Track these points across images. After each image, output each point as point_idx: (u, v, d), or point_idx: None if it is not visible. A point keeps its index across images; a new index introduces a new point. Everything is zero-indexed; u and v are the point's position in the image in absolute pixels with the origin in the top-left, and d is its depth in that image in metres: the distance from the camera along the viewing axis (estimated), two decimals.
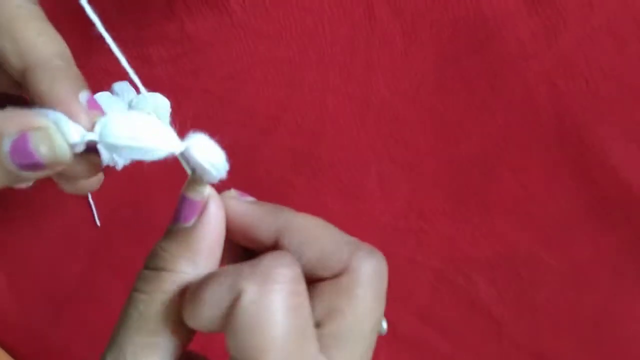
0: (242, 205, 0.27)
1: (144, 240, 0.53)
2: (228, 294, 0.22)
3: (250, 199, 0.27)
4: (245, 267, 0.22)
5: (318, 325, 0.25)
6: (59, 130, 0.24)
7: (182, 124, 0.30)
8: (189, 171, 0.26)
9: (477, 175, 0.48)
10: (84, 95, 0.26)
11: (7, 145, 0.23)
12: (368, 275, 0.26)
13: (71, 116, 0.25)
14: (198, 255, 0.25)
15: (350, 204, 0.50)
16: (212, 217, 0.25)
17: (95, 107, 0.26)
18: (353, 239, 0.27)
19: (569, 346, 0.51)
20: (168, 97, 0.45)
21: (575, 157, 0.47)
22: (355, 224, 0.51)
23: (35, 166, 0.24)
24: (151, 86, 0.33)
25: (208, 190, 0.26)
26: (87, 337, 0.54)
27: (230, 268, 0.23)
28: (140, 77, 0.29)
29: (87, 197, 0.52)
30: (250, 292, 0.21)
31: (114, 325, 0.54)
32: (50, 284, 0.54)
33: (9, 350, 0.55)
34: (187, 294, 0.23)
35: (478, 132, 0.47)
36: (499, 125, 0.47)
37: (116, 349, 0.24)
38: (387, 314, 0.27)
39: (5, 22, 0.27)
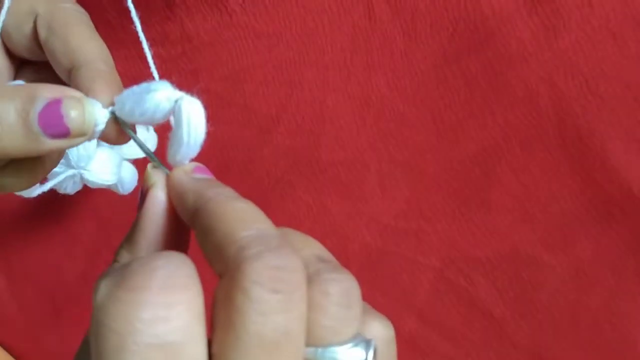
0: (180, 173, 0.25)
1: None
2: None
3: (206, 176, 0.25)
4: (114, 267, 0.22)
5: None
6: (93, 103, 0.26)
7: None
8: (148, 155, 0.26)
9: (478, 174, 0.48)
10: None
11: (39, 106, 0.24)
12: (251, 279, 0.19)
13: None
14: (135, 246, 0.24)
15: (350, 204, 0.50)
16: (147, 207, 0.24)
17: None
18: (275, 237, 0.21)
19: (569, 346, 0.51)
20: None
21: (576, 156, 0.47)
22: (355, 224, 0.51)
23: (61, 131, 0.25)
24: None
25: (154, 178, 0.25)
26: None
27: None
28: (140, 77, 0.29)
29: (86, 198, 0.52)
30: (101, 292, 0.20)
31: None
32: (50, 284, 0.54)
33: (8, 350, 0.55)
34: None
35: (478, 131, 0.47)
36: (500, 124, 0.47)
37: None
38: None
39: (59, 26, 0.29)
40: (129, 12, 0.46)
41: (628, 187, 0.47)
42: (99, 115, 0.26)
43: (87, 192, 0.51)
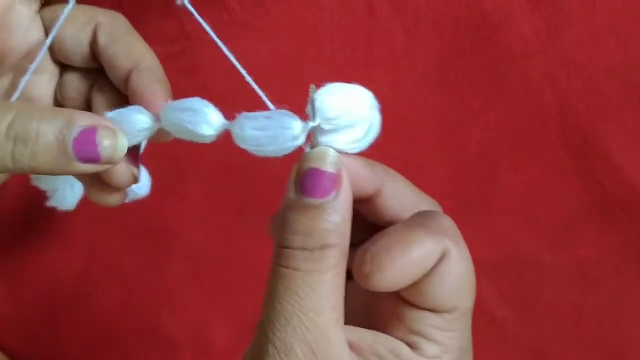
0: (349, 160, 0.27)
1: (142, 244, 0.53)
2: (437, 252, 0.25)
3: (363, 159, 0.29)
4: (433, 226, 0.26)
5: None
6: (124, 135, 0.28)
7: None
8: (318, 144, 0.27)
9: (480, 174, 0.48)
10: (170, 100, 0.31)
11: (76, 132, 0.26)
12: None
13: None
14: (346, 226, 0.26)
15: None
16: (348, 187, 0.26)
17: None
18: (422, 193, 0.30)
19: (572, 347, 0.51)
20: None
21: (579, 156, 0.47)
22: None
23: (93, 158, 0.27)
24: None
25: (340, 160, 0.26)
26: (84, 338, 0.54)
27: (420, 229, 0.26)
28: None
29: (83, 200, 0.51)
30: (454, 249, 0.26)
31: (111, 326, 0.53)
32: (47, 287, 0.54)
33: (5, 352, 0.55)
34: (375, 259, 0.25)
35: (480, 131, 0.47)
36: (502, 124, 0.47)
37: (291, 336, 0.25)
38: None
39: (121, 34, 0.32)
40: (128, 10, 0.46)
41: (632, 187, 0.47)
42: (146, 125, 0.29)
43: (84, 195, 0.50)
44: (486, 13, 0.44)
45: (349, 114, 0.27)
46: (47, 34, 0.32)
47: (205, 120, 0.29)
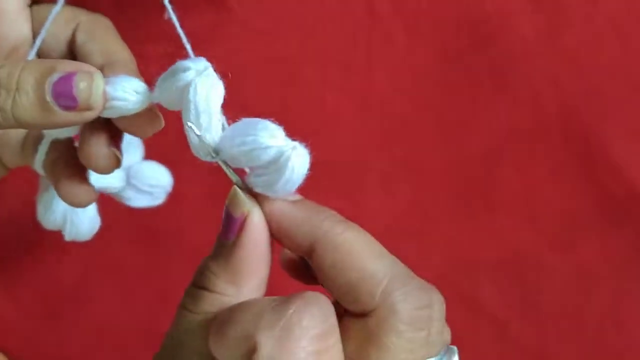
0: (282, 205, 0.25)
1: (141, 244, 0.52)
2: (244, 343, 0.21)
3: (297, 197, 0.26)
4: (267, 312, 0.21)
5: None
6: (103, 80, 0.26)
7: (178, 122, 0.29)
8: (233, 179, 0.25)
9: (481, 174, 0.48)
10: None
11: (55, 77, 0.25)
12: (404, 322, 0.22)
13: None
14: (238, 276, 0.24)
15: (350, 204, 0.50)
16: (252, 235, 0.24)
17: None
18: (402, 270, 0.24)
19: (574, 349, 0.50)
20: None
21: (581, 156, 0.47)
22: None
23: (69, 103, 0.26)
24: (150, 84, 0.33)
25: (249, 204, 0.24)
26: (83, 339, 0.54)
27: (252, 310, 0.22)
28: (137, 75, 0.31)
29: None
30: (266, 348, 0.20)
31: (111, 327, 0.53)
32: (46, 287, 0.54)
33: (5, 353, 0.55)
34: (213, 324, 0.23)
35: (482, 131, 0.47)
36: (503, 124, 0.46)
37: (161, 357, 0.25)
38: None
39: (99, 33, 0.33)
40: (125, 8, 0.46)
41: (633, 187, 0.46)
42: (126, 91, 0.27)
43: None
44: (487, 13, 0.44)
45: (244, 153, 0.24)
46: (34, 29, 0.33)
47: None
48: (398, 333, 0.22)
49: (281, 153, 0.23)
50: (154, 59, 0.47)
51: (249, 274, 0.24)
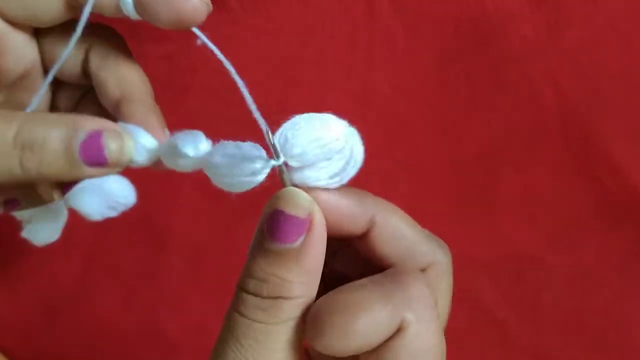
0: (332, 197, 0.25)
1: (141, 244, 0.52)
2: (389, 325, 0.23)
3: (351, 188, 0.27)
4: (394, 292, 0.23)
5: None
6: (131, 138, 0.27)
7: (179, 122, 0.29)
8: (287, 183, 0.25)
9: (481, 175, 0.48)
10: (166, 131, 0.31)
11: (81, 137, 0.26)
12: (447, 270, 0.27)
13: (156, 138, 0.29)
14: (312, 276, 0.24)
15: None
16: (321, 234, 0.24)
17: None
18: (427, 232, 0.28)
19: (574, 349, 0.50)
20: (165, 94, 0.44)
21: (580, 156, 0.46)
22: None
23: (99, 161, 0.26)
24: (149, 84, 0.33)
25: (313, 204, 0.24)
26: (83, 340, 0.54)
27: (376, 294, 0.23)
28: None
29: None
30: (412, 321, 0.23)
31: (110, 327, 0.53)
32: (46, 287, 0.54)
33: (4, 353, 0.55)
34: (320, 322, 0.23)
35: (481, 131, 0.47)
36: (503, 124, 0.46)
37: None
38: None
39: (113, 58, 0.32)
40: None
41: (633, 187, 0.46)
42: (138, 150, 0.28)
43: None
44: (487, 12, 0.44)
45: (318, 147, 0.24)
46: (42, 53, 0.32)
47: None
48: (447, 278, 0.27)
49: (347, 141, 0.25)
50: (154, 59, 0.47)
51: (319, 271, 0.24)
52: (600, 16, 0.44)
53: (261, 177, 0.25)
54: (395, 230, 0.26)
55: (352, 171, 0.25)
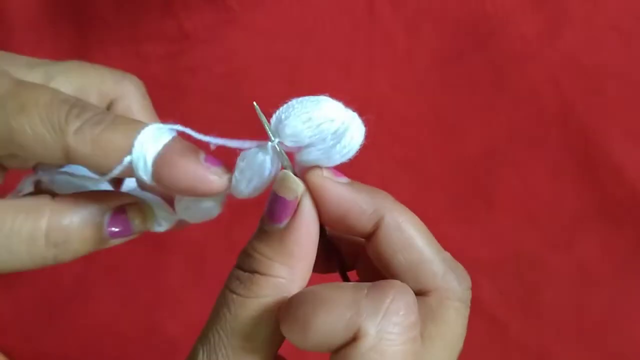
0: (339, 188, 0.25)
1: (141, 244, 0.52)
2: (345, 330, 0.21)
3: (345, 179, 0.26)
4: (364, 301, 0.22)
5: None
6: (150, 207, 0.29)
7: (179, 123, 0.29)
8: (282, 163, 0.25)
9: (481, 174, 0.48)
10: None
11: (108, 216, 0.27)
12: (461, 300, 0.25)
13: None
14: (293, 259, 0.24)
15: None
16: (306, 217, 0.24)
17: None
18: (447, 255, 0.26)
19: (574, 348, 0.50)
20: (165, 94, 0.44)
21: (580, 156, 0.46)
22: None
23: (126, 234, 0.28)
24: (148, 84, 0.33)
25: (301, 188, 0.24)
26: (83, 339, 0.54)
27: (346, 297, 0.22)
28: (137, 74, 0.31)
29: None
30: (371, 335, 0.21)
31: (110, 327, 0.53)
32: (46, 286, 0.54)
33: (5, 352, 0.55)
34: (288, 309, 0.23)
35: (481, 130, 0.47)
36: (503, 124, 0.46)
37: (209, 348, 0.24)
38: None
39: (134, 106, 0.31)
40: (126, 9, 0.46)
41: (633, 186, 0.46)
42: (160, 224, 0.30)
43: None
44: (487, 12, 0.44)
45: (312, 127, 0.25)
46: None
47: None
48: (456, 310, 0.25)
49: (343, 122, 0.25)
50: (154, 59, 0.47)
51: (302, 256, 0.24)
52: (600, 16, 0.44)
53: (269, 162, 0.25)
54: (405, 238, 0.25)
55: (352, 146, 0.25)
